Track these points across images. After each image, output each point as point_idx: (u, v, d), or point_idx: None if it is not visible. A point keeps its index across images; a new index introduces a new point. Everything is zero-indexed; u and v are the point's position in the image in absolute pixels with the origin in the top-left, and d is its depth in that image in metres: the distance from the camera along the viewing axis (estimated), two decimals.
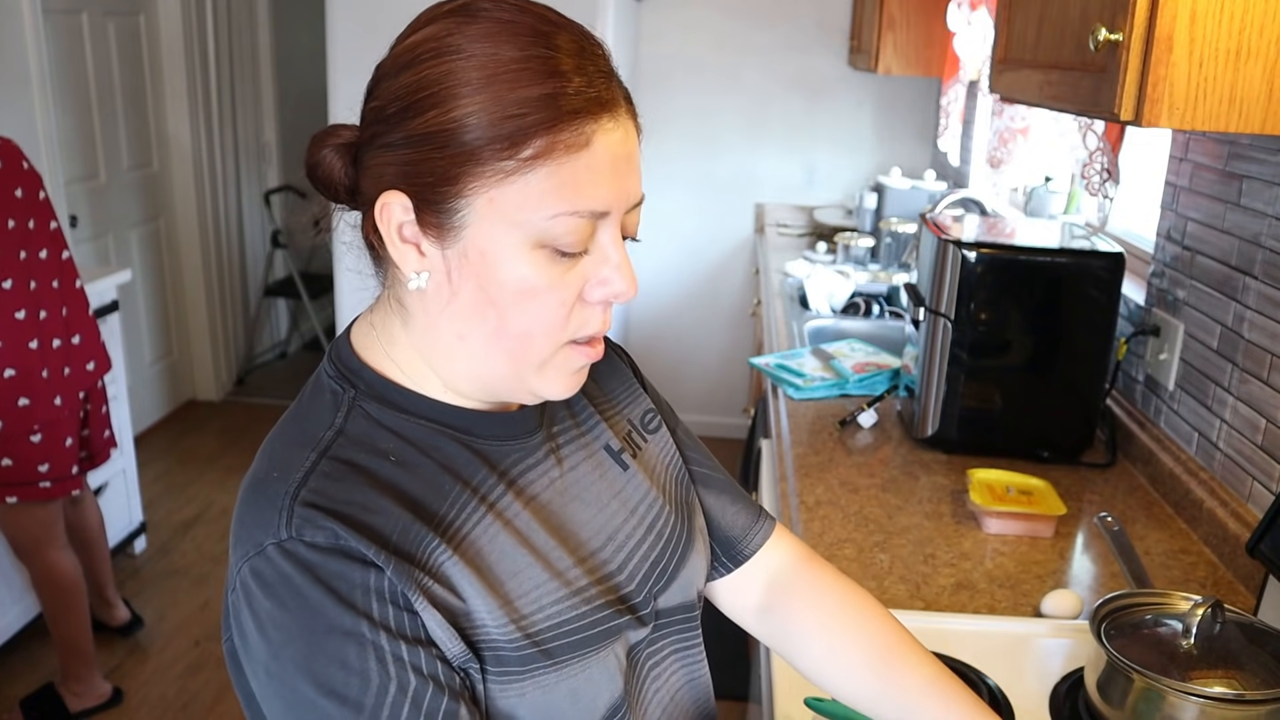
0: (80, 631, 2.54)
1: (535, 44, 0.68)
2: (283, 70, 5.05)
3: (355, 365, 0.77)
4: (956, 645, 1.20)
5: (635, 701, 0.81)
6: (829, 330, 2.68)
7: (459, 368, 0.74)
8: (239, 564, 0.68)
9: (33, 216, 2.32)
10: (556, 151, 0.67)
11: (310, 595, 0.65)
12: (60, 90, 3.62)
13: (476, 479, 0.75)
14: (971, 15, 2.76)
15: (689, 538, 0.89)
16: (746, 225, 4.25)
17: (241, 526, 0.69)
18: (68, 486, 2.44)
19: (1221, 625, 1.03)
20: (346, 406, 0.74)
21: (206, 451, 4.18)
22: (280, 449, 0.73)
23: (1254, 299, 1.47)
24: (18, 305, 2.28)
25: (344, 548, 0.66)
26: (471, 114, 0.66)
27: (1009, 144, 2.64)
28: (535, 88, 0.66)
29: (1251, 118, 1.02)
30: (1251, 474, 1.45)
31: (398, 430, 0.74)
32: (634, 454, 0.88)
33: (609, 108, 0.69)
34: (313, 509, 0.67)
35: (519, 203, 0.68)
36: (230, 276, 4.78)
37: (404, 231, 0.71)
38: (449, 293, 0.71)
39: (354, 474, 0.70)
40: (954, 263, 1.74)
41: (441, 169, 0.68)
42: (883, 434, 1.92)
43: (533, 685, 0.72)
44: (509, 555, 0.74)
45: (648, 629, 0.82)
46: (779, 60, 4.06)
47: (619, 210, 0.72)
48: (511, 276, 0.69)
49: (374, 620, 0.66)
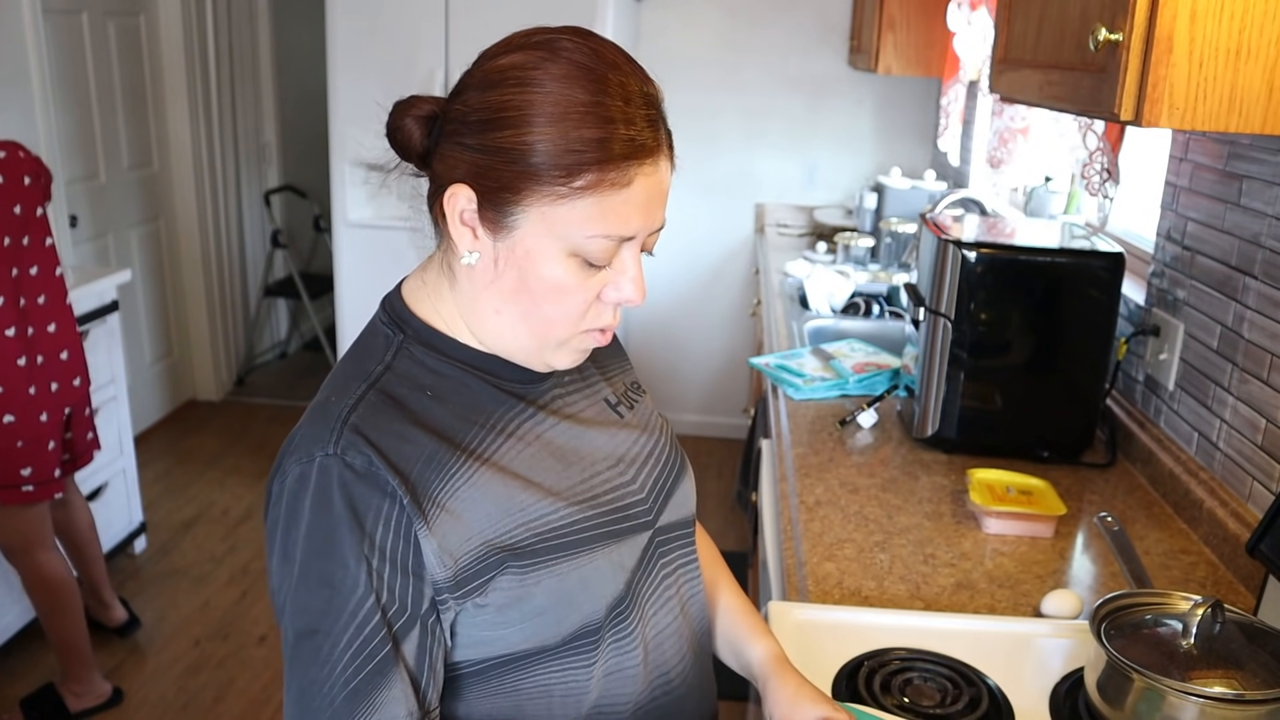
0: (75, 632, 2.53)
1: (601, 90, 0.81)
2: (283, 70, 5.05)
3: (405, 314, 0.92)
4: (956, 645, 1.20)
5: (638, 599, 0.95)
6: (829, 330, 2.68)
7: (490, 334, 0.90)
8: (292, 465, 0.83)
9: (28, 233, 2.32)
10: (602, 186, 0.81)
11: (335, 506, 0.80)
12: (60, 90, 3.62)
13: (499, 412, 0.90)
14: (971, 15, 2.76)
15: (682, 464, 1.05)
16: (746, 225, 4.25)
17: (300, 437, 0.84)
18: (51, 489, 2.43)
19: (1221, 625, 1.03)
20: (396, 347, 0.90)
21: (206, 451, 4.18)
22: (339, 380, 0.89)
23: (1254, 299, 1.47)
24: (8, 323, 2.28)
25: (374, 474, 0.81)
26: (540, 141, 0.80)
27: (1009, 144, 2.65)
28: (595, 130, 0.80)
29: (1251, 118, 1.02)
30: (1251, 474, 1.45)
31: (437, 370, 0.90)
32: (629, 407, 1.04)
33: (652, 154, 0.83)
34: (357, 435, 0.82)
35: (565, 221, 0.82)
36: (230, 276, 4.78)
37: (464, 217, 0.85)
38: (493, 275, 0.86)
39: (395, 406, 0.86)
40: (954, 263, 1.74)
41: (507, 179, 0.82)
42: (883, 434, 1.92)
43: (548, 574, 0.86)
44: (526, 470, 0.88)
45: (649, 534, 0.97)
46: (779, 60, 4.06)
47: (643, 235, 0.86)
48: (548, 275, 0.84)
49: (374, 541, 0.81)
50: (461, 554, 0.83)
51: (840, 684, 1.13)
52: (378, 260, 3.49)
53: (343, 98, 3.38)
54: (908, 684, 1.13)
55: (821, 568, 1.42)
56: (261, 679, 2.76)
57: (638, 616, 0.95)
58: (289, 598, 0.82)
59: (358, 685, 0.80)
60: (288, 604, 0.82)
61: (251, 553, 3.40)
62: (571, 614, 0.88)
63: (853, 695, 1.11)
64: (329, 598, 0.80)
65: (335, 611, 0.80)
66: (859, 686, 1.12)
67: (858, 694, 1.11)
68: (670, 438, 1.06)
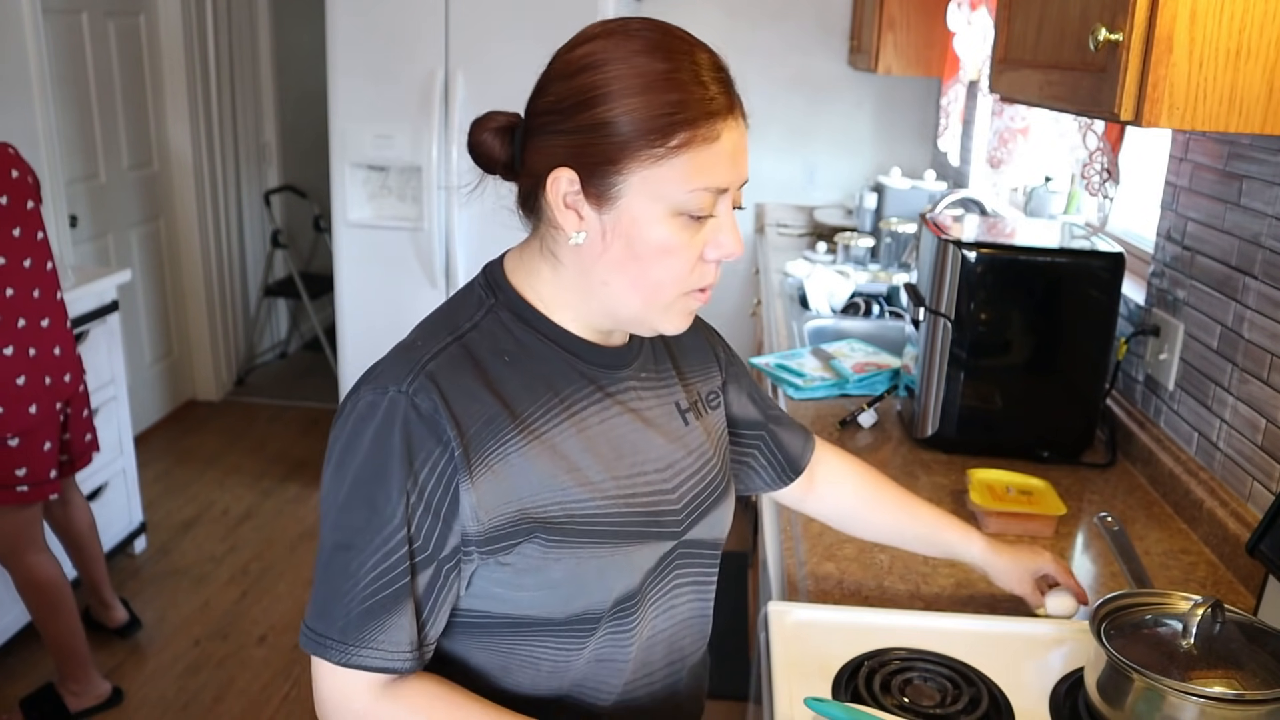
0: (70, 632, 2.52)
1: (679, 59, 0.88)
2: (283, 70, 5.05)
3: (502, 282, 0.97)
4: (956, 645, 1.20)
5: (645, 601, 0.98)
6: (829, 330, 2.68)
7: (598, 305, 0.94)
8: (367, 391, 0.89)
9: (18, 225, 2.31)
10: (695, 142, 0.87)
11: (394, 440, 0.87)
12: (60, 90, 3.62)
13: (567, 390, 0.95)
14: (971, 15, 2.76)
15: (726, 487, 1.08)
16: (746, 225, 4.25)
17: (382, 369, 0.91)
18: (45, 490, 2.42)
19: (1221, 625, 1.03)
20: (486, 309, 0.96)
21: (206, 451, 4.18)
22: (430, 328, 0.95)
23: (1254, 299, 1.47)
24: None
25: (436, 420, 0.87)
26: (632, 111, 0.86)
27: (1009, 144, 2.65)
28: (680, 93, 0.87)
29: (1251, 118, 1.02)
30: (1251, 474, 1.45)
31: (519, 338, 0.95)
32: (698, 416, 1.07)
33: (733, 111, 0.90)
34: (431, 381, 0.88)
35: (664, 180, 0.88)
36: (230, 276, 4.78)
37: (567, 199, 0.90)
38: (601, 248, 0.91)
39: (472, 364, 0.91)
40: (954, 263, 1.74)
41: (606, 152, 0.87)
42: (883, 434, 1.92)
43: (570, 554, 0.92)
44: (577, 453, 0.93)
45: (673, 544, 1.00)
46: (779, 60, 4.06)
47: (735, 186, 0.92)
48: (655, 237, 0.89)
49: (418, 480, 0.87)
50: (497, 514, 0.89)
51: (840, 684, 1.13)
52: (378, 260, 3.49)
53: (343, 98, 3.38)
54: (908, 684, 1.13)
55: (821, 568, 1.42)
56: (261, 679, 2.76)
57: (640, 616, 0.98)
58: (334, 509, 0.89)
59: (374, 605, 0.87)
60: (330, 514, 0.90)
61: (251, 553, 3.40)
62: (580, 597, 0.93)
63: (853, 695, 1.11)
64: (368, 519, 0.87)
65: (370, 532, 0.87)
66: (859, 686, 1.11)
67: (858, 694, 1.11)
68: (723, 460, 1.09)
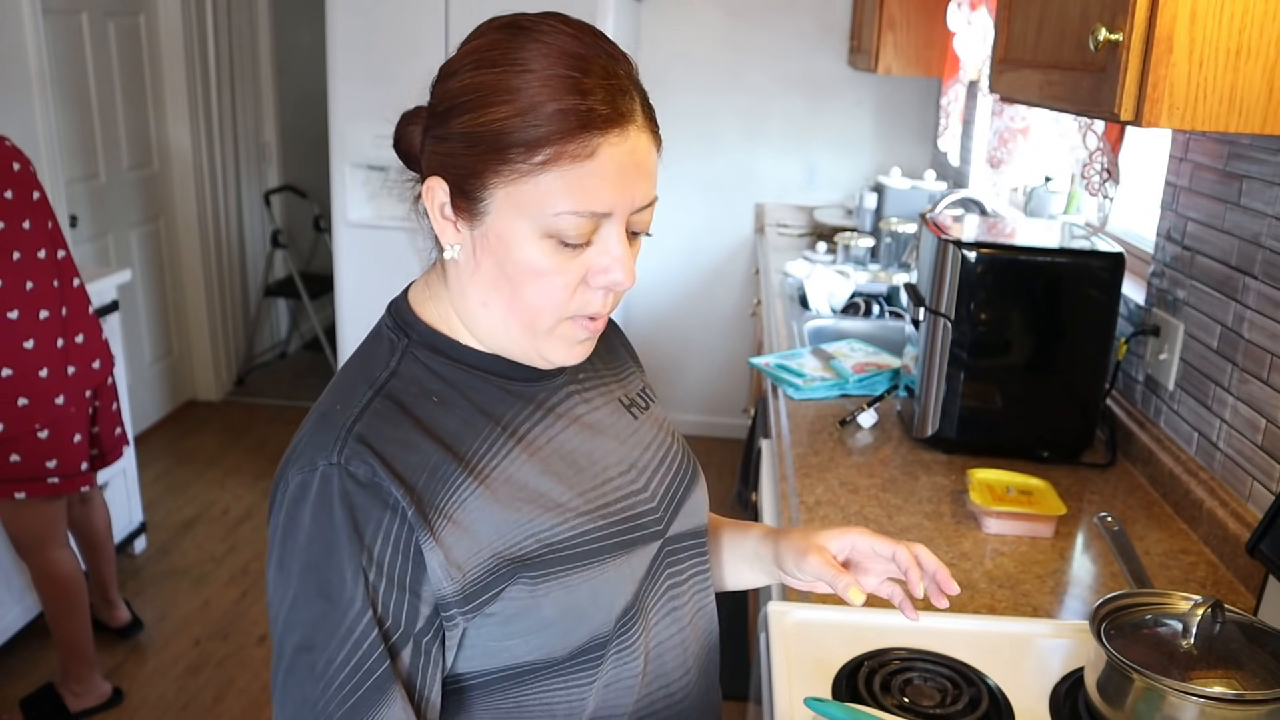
0: (80, 631, 2.54)
1: (562, 64, 0.79)
2: (283, 70, 5.05)
3: (410, 318, 0.90)
4: (956, 645, 1.20)
5: (643, 609, 0.92)
6: (829, 330, 2.68)
7: (483, 328, 0.87)
8: (294, 473, 0.81)
9: (27, 217, 2.31)
10: (563, 160, 0.78)
11: (336, 516, 0.78)
12: (60, 90, 3.62)
13: (508, 415, 0.88)
14: (971, 15, 2.76)
15: (695, 472, 1.04)
16: (746, 225, 4.25)
17: (304, 444, 0.82)
18: (76, 483, 2.44)
19: (1221, 625, 1.03)
20: (400, 352, 0.88)
21: (206, 451, 4.18)
22: (344, 385, 0.87)
23: (1254, 299, 1.47)
24: (10, 306, 2.28)
25: (378, 485, 0.79)
26: (496, 120, 0.78)
27: (1009, 144, 2.64)
28: (554, 103, 0.77)
29: (1251, 118, 1.02)
30: (1251, 474, 1.45)
31: (442, 374, 0.88)
32: (643, 409, 1.02)
33: (618, 123, 0.79)
34: (362, 444, 0.80)
35: (531, 199, 0.79)
36: (230, 276, 4.78)
37: (443, 210, 0.84)
38: (474, 265, 0.84)
39: (401, 413, 0.83)
40: (954, 263, 1.74)
41: (470, 164, 0.80)
42: (883, 434, 1.92)
43: (558, 585, 0.84)
44: (535, 479, 0.86)
45: (659, 543, 0.94)
46: (779, 60, 4.06)
47: (622, 211, 0.82)
48: (523, 258, 0.81)
49: (373, 556, 0.79)
50: (470, 566, 0.81)
51: (840, 684, 1.13)
52: (378, 260, 3.49)
53: (343, 98, 3.38)
54: (908, 684, 1.13)
55: None
56: (261, 679, 2.76)
57: (641, 627, 0.92)
58: (285, 609, 0.80)
59: (356, 703, 0.78)
60: (282, 616, 0.80)
61: (251, 553, 3.40)
62: (580, 626, 0.87)
63: (853, 695, 1.11)
64: (325, 611, 0.78)
65: (331, 626, 0.78)
66: (859, 686, 1.11)
67: (858, 694, 1.11)
68: (682, 445, 1.04)
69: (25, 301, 2.31)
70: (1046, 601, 1.36)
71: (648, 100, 0.84)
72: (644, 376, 1.08)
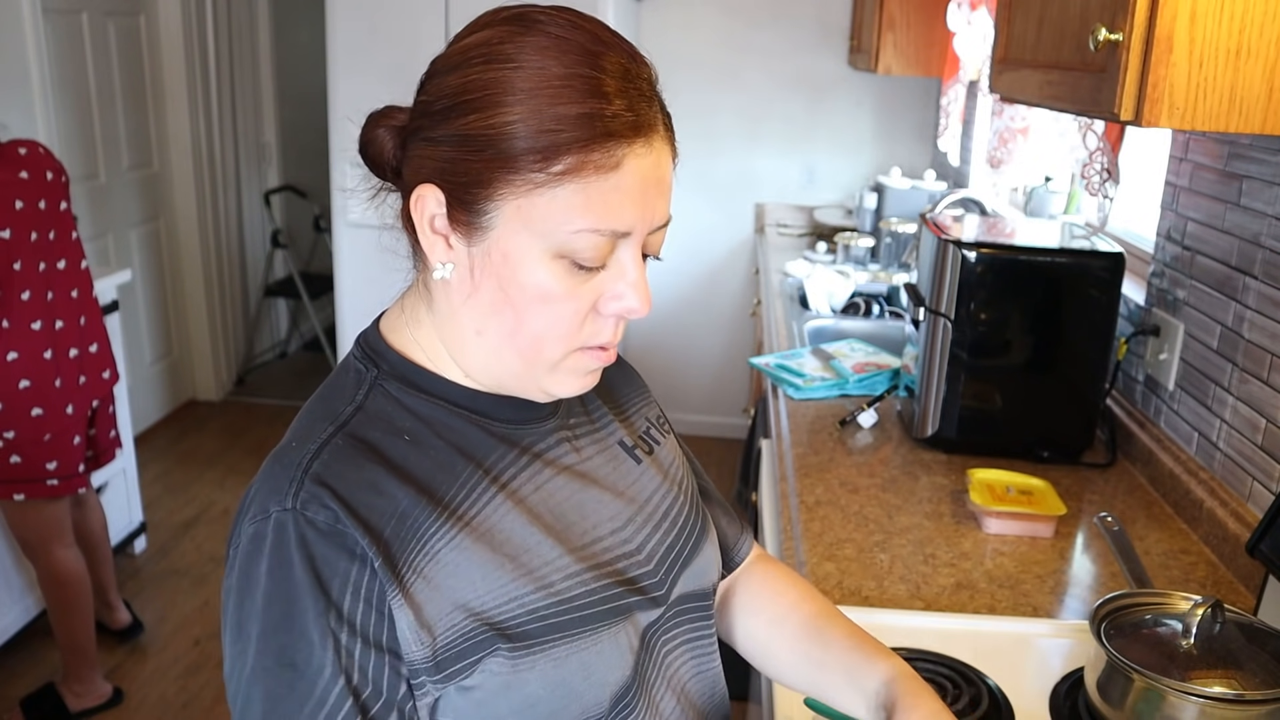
0: (83, 631, 2.54)
1: (582, 63, 0.70)
2: (283, 70, 5.05)
3: (381, 347, 0.80)
4: (956, 645, 1.20)
5: (645, 684, 0.82)
6: (829, 330, 2.69)
7: (475, 360, 0.77)
8: (247, 524, 0.71)
9: (54, 228, 2.35)
10: (586, 170, 0.69)
11: (296, 571, 0.68)
12: (60, 90, 3.62)
13: (490, 459, 0.78)
14: (971, 15, 2.76)
15: (703, 528, 0.92)
16: (746, 225, 4.25)
17: (255, 490, 0.73)
18: (74, 484, 2.46)
19: (1221, 625, 1.03)
20: (368, 385, 0.78)
21: (206, 451, 4.18)
22: (304, 422, 0.76)
23: (1254, 299, 1.47)
24: (34, 316, 2.31)
25: (341, 532, 0.69)
26: (511, 123, 0.69)
27: (1009, 144, 2.64)
28: (574, 106, 0.69)
29: (1251, 118, 1.02)
30: (1251, 474, 1.45)
31: (416, 410, 0.77)
32: (647, 451, 0.91)
33: (644, 132, 0.71)
34: (321, 486, 0.70)
35: (545, 214, 0.70)
36: (230, 276, 4.78)
37: (435, 224, 0.74)
38: (470, 287, 0.74)
39: (366, 451, 0.73)
40: (954, 263, 1.74)
41: (476, 171, 0.70)
42: (883, 434, 1.92)
43: (544, 658, 0.74)
44: (519, 533, 0.76)
45: (660, 610, 0.84)
46: (779, 60, 4.06)
47: (641, 231, 0.74)
48: (530, 281, 0.72)
49: (342, 613, 0.69)
50: (442, 630, 0.71)
51: None
52: (378, 260, 3.47)
53: (343, 98, 3.38)
54: None
55: (821, 568, 1.42)
56: None
57: (645, 704, 0.81)
58: (244, 681, 0.69)
59: None
60: (242, 688, 0.69)
61: None
62: (570, 705, 0.76)
63: None
64: (292, 682, 0.68)
65: (299, 699, 0.68)
66: None
67: None
68: (690, 494, 0.93)
69: (46, 312, 2.34)
70: (1046, 601, 1.36)
71: (666, 108, 0.75)
72: (654, 407, 0.97)
